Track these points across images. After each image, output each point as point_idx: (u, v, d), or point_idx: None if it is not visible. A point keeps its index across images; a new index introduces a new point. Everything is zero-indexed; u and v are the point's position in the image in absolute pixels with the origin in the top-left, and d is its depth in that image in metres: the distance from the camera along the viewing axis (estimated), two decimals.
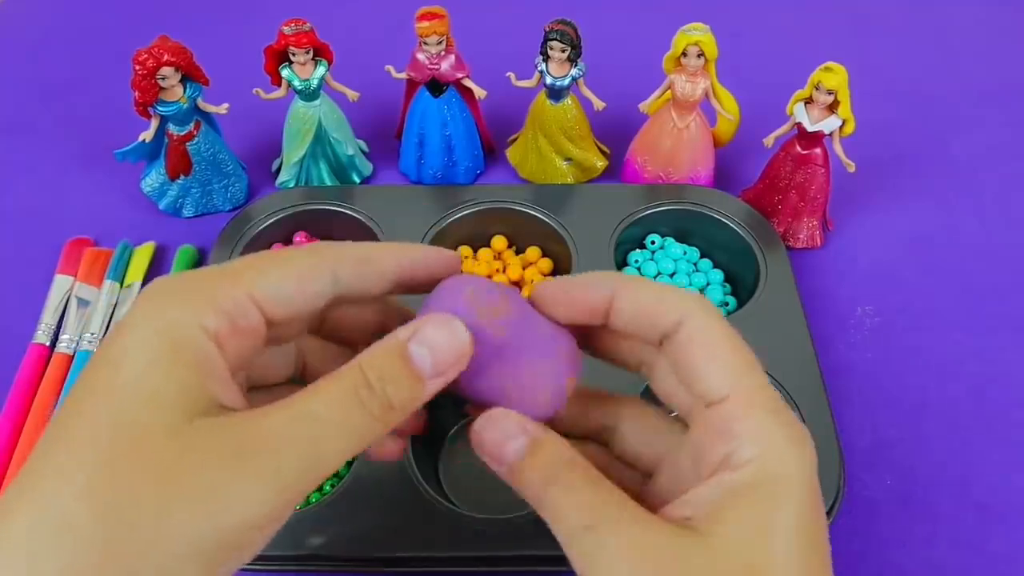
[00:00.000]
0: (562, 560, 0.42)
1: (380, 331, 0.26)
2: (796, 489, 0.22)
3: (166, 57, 0.51)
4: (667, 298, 0.25)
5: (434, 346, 0.23)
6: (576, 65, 0.55)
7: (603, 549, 0.22)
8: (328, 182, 0.60)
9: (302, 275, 0.24)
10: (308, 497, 0.45)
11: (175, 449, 0.20)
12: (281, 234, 0.56)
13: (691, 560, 0.21)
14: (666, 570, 0.21)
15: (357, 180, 0.62)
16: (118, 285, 0.54)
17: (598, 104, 0.57)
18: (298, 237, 0.56)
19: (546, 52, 0.54)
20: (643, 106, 0.58)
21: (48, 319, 0.52)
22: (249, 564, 0.42)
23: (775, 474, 0.22)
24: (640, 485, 0.27)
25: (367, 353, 0.23)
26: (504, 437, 0.24)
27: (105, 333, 0.52)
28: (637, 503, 0.23)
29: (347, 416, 0.22)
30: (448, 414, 0.48)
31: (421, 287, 0.27)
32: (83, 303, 0.53)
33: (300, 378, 0.29)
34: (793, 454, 0.22)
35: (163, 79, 0.52)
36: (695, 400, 0.24)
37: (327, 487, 0.45)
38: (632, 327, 0.25)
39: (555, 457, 0.24)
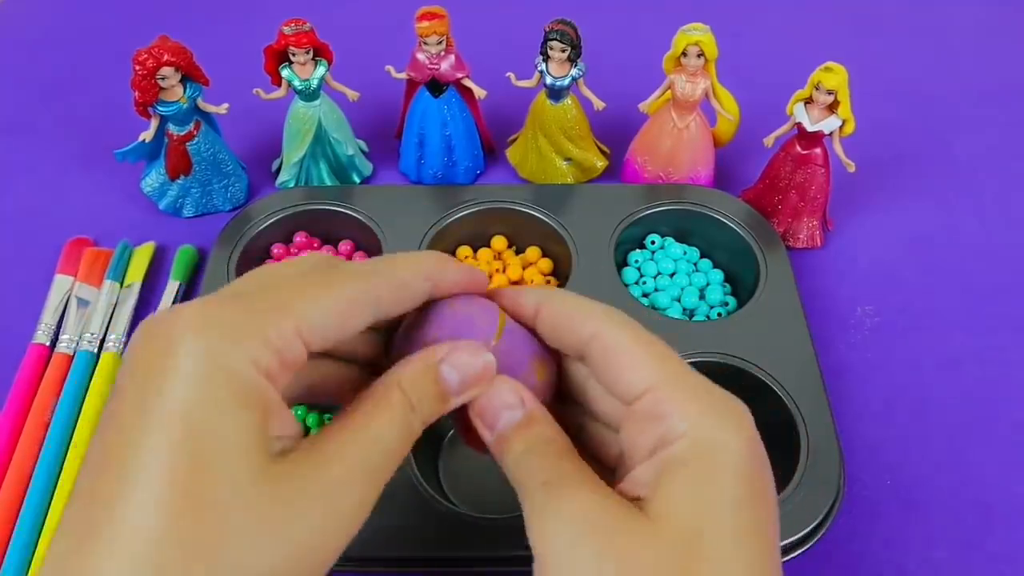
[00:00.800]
0: None
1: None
2: (732, 456, 0.23)
3: (166, 57, 0.51)
4: (581, 310, 0.27)
5: (464, 371, 0.26)
6: (576, 65, 0.55)
7: (552, 509, 0.23)
8: (328, 182, 0.60)
9: (349, 309, 0.24)
10: None
11: (265, 495, 0.21)
12: (281, 234, 0.56)
13: (633, 531, 0.22)
14: (605, 537, 0.22)
15: (357, 180, 0.62)
16: (118, 285, 0.54)
17: (598, 104, 0.57)
18: (298, 237, 0.56)
19: (546, 52, 0.54)
20: (643, 106, 0.58)
21: (48, 319, 0.52)
22: None
23: (709, 443, 0.23)
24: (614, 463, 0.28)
25: (407, 371, 0.25)
26: (502, 405, 0.26)
27: (105, 333, 0.52)
28: (600, 478, 0.24)
29: (405, 438, 0.24)
30: (448, 414, 0.48)
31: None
32: (83, 303, 0.53)
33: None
34: (725, 423, 0.24)
35: (163, 79, 0.52)
36: (622, 403, 0.26)
37: None
38: (554, 338, 0.27)
39: (542, 434, 0.26)
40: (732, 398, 0.25)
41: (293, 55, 0.54)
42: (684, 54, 0.53)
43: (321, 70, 0.56)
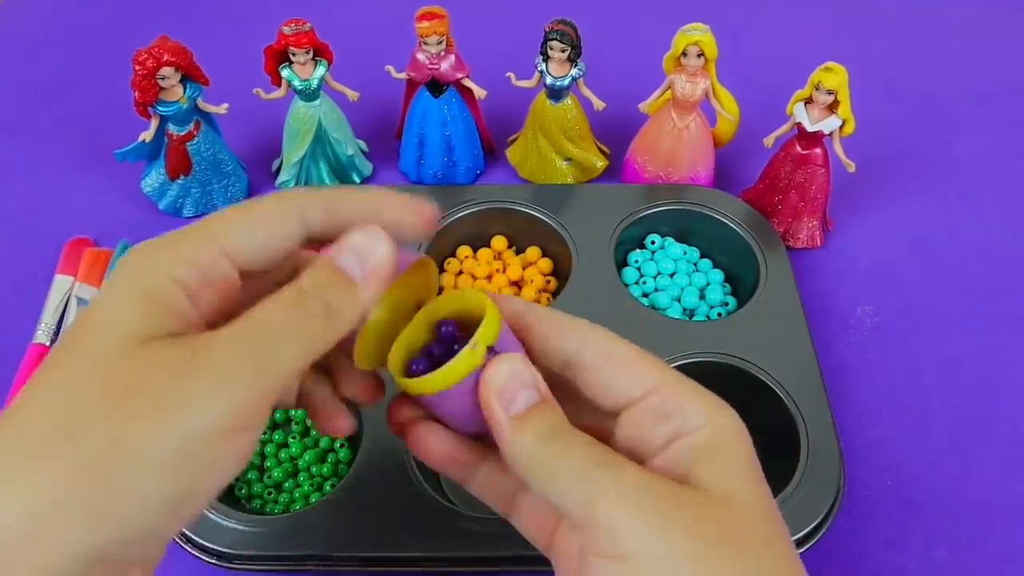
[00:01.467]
0: None
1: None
2: (743, 442, 0.26)
3: (166, 57, 0.51)
4: (574, 320, 0.28)
5: (357, 250, 0.25)
6: (576, 65, 0.55)
7: (605, 490, 0.24)
8: (328, 182, 0.60)
9: (270, 221, 0.25)
10: (308, 497, 0.45)
11: (130, 366, 0.22)
12: None
13: (689, 500, 0.24)
14: (667, 508, 0.23)
15: (357, 180, 0.62)
16: None
17: (598, 104, 0.57)
18: None
19: (546, 52, 0.54)
20: (643, 106, 0.58)
21: (48, 319, 0.52)
22: (249, 564, 0.42)
23: (725, 432, 0.26)
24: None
25: (308, 269, 0.25)
26: (522, 384, 0.26)
27: None
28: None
29: (290, 317, 0.24)
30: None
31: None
32: (83, 303, 0.53)
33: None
34: (728, 416, 0.26)
35: (163, 79, 0.52)
36: (612, 406, 0.27)
37: (327, 487, 0.45)
38: (549, 345, 0.28)
39: (556, 418, 0.26)
40: (718, 397, 0.27)
41: (293, 55, 0.54)
42: (684, 54, 0.53)
43: (321, 70, 0.56)
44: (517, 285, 0.55)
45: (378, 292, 0.25)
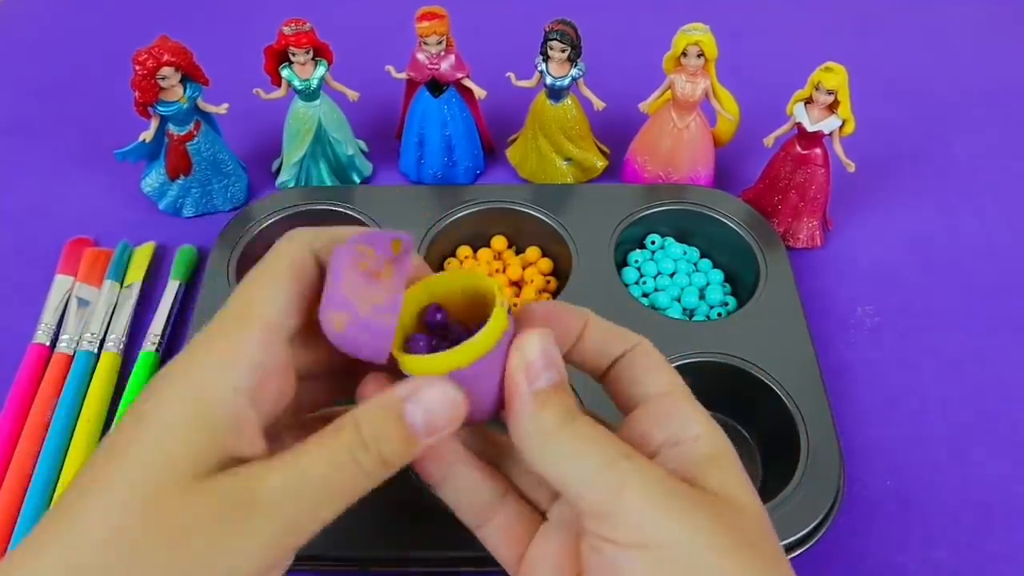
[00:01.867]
0: None
1: None
2: (736, 455, 0.27)
3: (166, 57, 0.51)
4: (621, 330, 0.30)
5: (430, 408, 0.24)
6: (576, 65, 0.55)
7: (631, 481, 0.24)
8: (328, 182, 0.60)
9: (299, 272, 0.26)
10: None
11: (181, 508, 0.22)
12: (281, 234, 0.56)
13: (707, 500, 0.25)
14: (690, 503, 0.24)
15: (357, 180, 0.62)
16: (118, 285, 0.54)
17: (598, 104, 0.57)
18: None
19: (546, 52, 0.54)
20: (643, 106, 0.58)
21: (48, 319, 0.52)
22: None
23: (719, 444, 0.27)
24: None
25: (364, 410, 0.24)
26: (548, 362, 0.26)
27: (105, 333, 0.52)
28: None
29: (341, 476, 0.24)
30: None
31: None
32: (83, 303, 0.53)
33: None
34: (720, 431, 0.28)
35: (163, 79, 0.52)
36: (634, 400, 0.29)
37: None
38: (600, 347, 0.29)
39: (574, 404, 0.26)
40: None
41: (293, 55, 0.54)
42: (684, 54, 0.53)
43: (321, 70, 0.56)
44: (517, 285, 0.55)
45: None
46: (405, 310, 0.26)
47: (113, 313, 0.53)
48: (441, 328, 0.27)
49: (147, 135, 0.55)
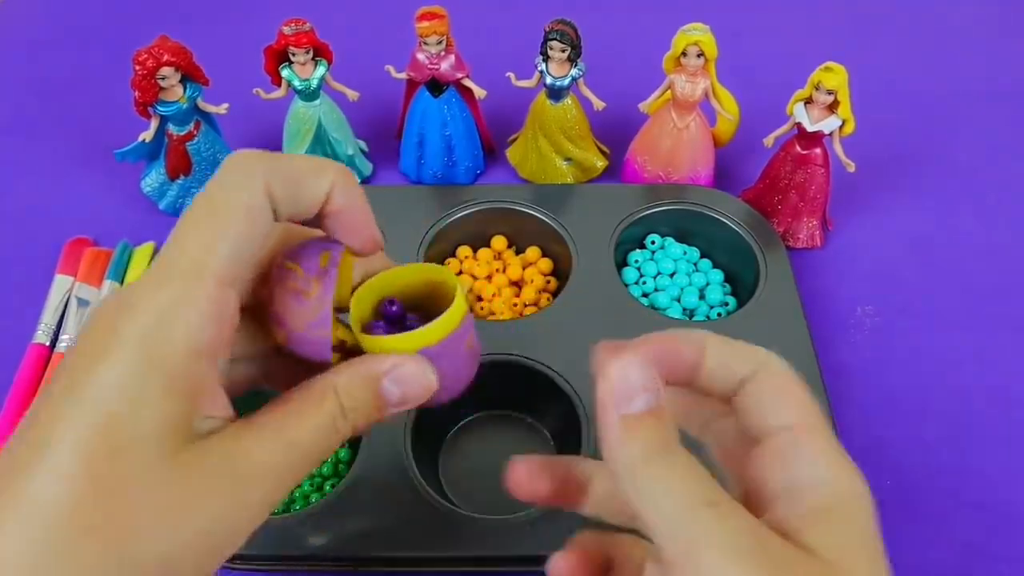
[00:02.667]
0: None
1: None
2: (863, 510, 0.24)
3: (166, 57, 0.51)
4: (746, 348, 0.26)
5: (406, 382, 0.25)
6: (576, 65, 0.55)
7: (709, 535, 0.22)
8: None
9: (248, 222, 0.24)
10: (308, 497, 0.45)
11: (171, 482, 0.21)
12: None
13: (799, 564, 0.22)
14: (773, 567, 0.21)
15: (357, 180, 0.62)
16: (118, 285, 0.54)
17: (598, 104, 0.57)
18: None
19: (546, 52, 0.54)
20: (643, 106, 0.58)
21: (48, 319, 0.52)
22: (249, 564, 0.42)
23: (846, 496, 0.24)
24: None
25: (346, 380, 0.25)
26: (640, 385, 0.24)
27: None
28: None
29: (324, 443, 0.24)
30: (448, 414, 0.48)
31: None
32: (83, 303, 0.53)
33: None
34: (853, 480, 0.24)
35: (163, 79, 0.52)
36: (750, 434, 0.25)
37: (327, 487, 0.45)
38: (715, 377, 0.26)
39: (669, 434, 0.24)
40: (849, 457, 0.26)
41: (293, 55, 0.54)
42: (684, 54, 0.53)
43: (321, 70, 0.56)
44: (517, 285, 0.55)
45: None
46: (363, 303, 0.27)
47: None
48: (397, 318, 0.28)
49: (147, 135, 0.55)
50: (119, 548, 0.20)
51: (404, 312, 0.28)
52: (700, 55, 0.53)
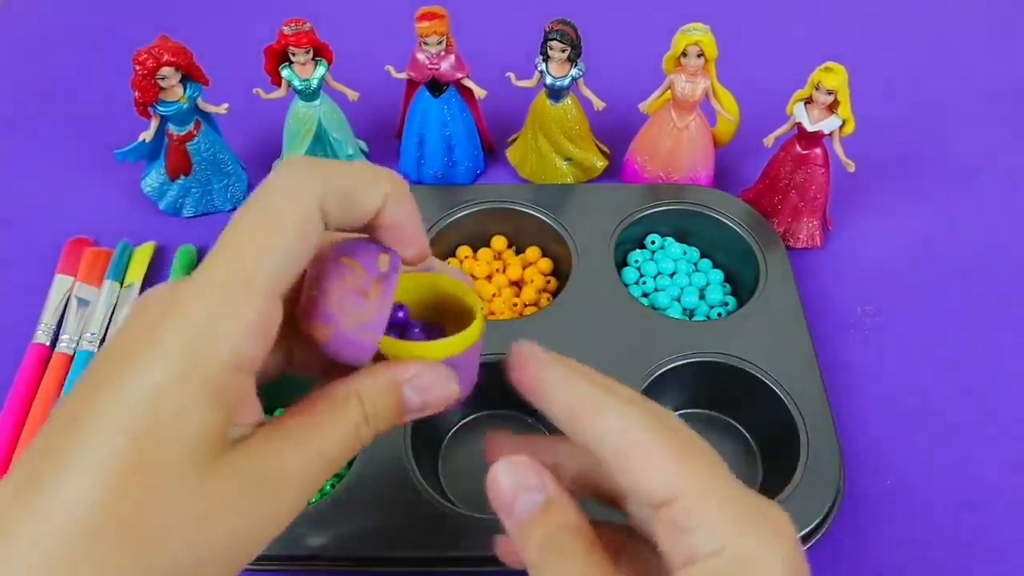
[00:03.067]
0: None
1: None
2: (776, 567, 0.22)
3: (166, 57, 0.51)
4: (594, 397, 0.25)
5: (428, 394, 0.26)
6: (576, 65, 0.55)
7: None
8: None
9: (300, 236, 0.24)
10: None
11: (203, 492, 0.21)
12: None
13: None
14: None
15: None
16: (118, 285, 0.54)
17: (598, 104, 0.57)
18: None
19: (546, 52, 0.54)
20: (643, 106, 0.58)
21: (48, 319, 0.52)
22: (249, 564, 0.42)
23: (746, 561, 0.22)
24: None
25: (368, 387, 0.25)
26: (521, 488, 0.25)
27: (105, 333, 0.52)
28: None
29: (348, 448, 0.25)
30: (448, 415, 0.48)
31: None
32: (83, 303, 0.53)
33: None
34: (763, 536, 0.22)
35: (163, 79, 0.52)
36: (647, 507, 0.24)
37: (327, 487, 0.45)
38: (570, 430, 0.25)
39: (564, 521, 0.24)
40: (771, 505, 0.23)
41: (293, 55, 0.54)
42: (684, 54, 0.53)
43: (321, 70, 0.56)
44: (517, 285, 0.55)
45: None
46: None
47: (113, 313, 0.53)
48: (401, 324, 0.28)
49: (147, 135, 0.55)
50: (149, 554, 0.20)
51: (409, 319, 0.28)
52: (700, 55, 0.53)
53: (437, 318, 0.28)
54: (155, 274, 0.56)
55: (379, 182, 0.25)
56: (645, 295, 0.54)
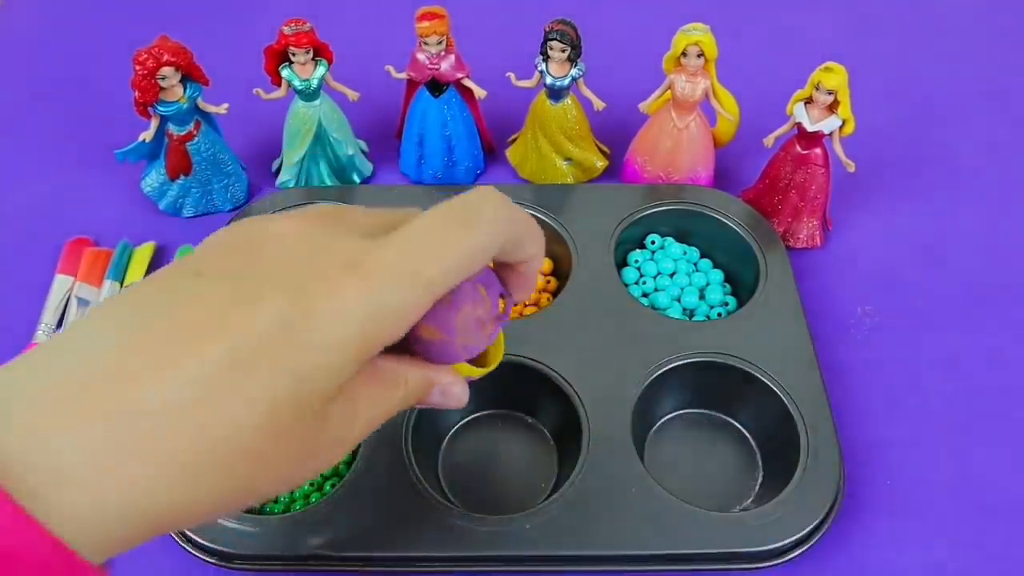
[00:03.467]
0: (561, 560, 0.42)
1: None
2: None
3: (166, 57, 0.51)
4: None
5: (448, 399, 0.31)
6: (576, 65, 0.55)
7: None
8: (328, 182, 0.60)
9: (479, 263, 0.28)
10: (308, 497, 0.45)
11: (307, 435, 0.25)
12: None
13: None
14: None
15: (357, 180, 0.62)
16: (118, 285, 0.54)
17: (598, 104, 0.57)
18: None
19: (546, 52, 0.54)
20: (643, 106, 0.58)
21: (48, 319, 0.52)
22: (249, 564, 0.42)
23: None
24: None
25: (415, 376, 0.29)
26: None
27: None
28: None
29: (385, 420, 0.29)
30: (448, 414, 0.48)
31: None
32: (83, 303, 0.53)
33: None
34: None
35: (163, 79, 0.52)
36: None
37: (327, 487, 0.45)
38: None
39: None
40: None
41: (293, 55, 0.54)
42: (684, 54, 0.53)
43: (321, 70, 0.56)
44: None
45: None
46: None
47: None
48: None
49: (147, 135, 0.55)
50: (253, 479, 0.24)
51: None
52: (700, 55, 0.53)
53: None
54: None
55: (538, 238, 0.30)
56: (645, 295, 0.54)
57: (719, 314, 0.53)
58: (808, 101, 0.53)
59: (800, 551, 0.41)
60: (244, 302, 0.24)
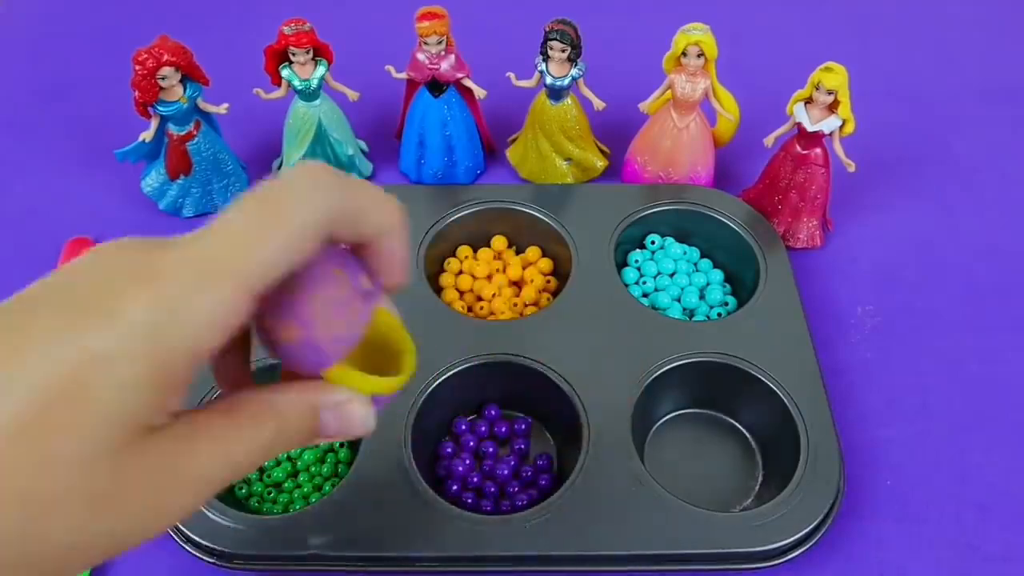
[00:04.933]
0: (561, 560, 0.42)
1: None
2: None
3: (166, 57, 0.51)
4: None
5: (348, 424, 0.26)
6: (576, 65, 0.55)
7: None
8: None
9: (299, 240, 0.23)
10: (308, 497, 0.45)
11: (108, 472, 0.21)
12: None
13: None
14: None
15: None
16: None
17: (598, 104, 0.57)
18: None
19: (546, 52, 0.54)
20: (643, 106, 0.58)
21: None
22: (249, 564, 0.42)
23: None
24: None
25: (288, 403, 0.25)
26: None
27: None
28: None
29: (258, 461, 0.24)
30: (447, 415, 0.48)
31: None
32: None
33: None
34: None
35: (163, 79, 0.52)
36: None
37: (327, 487, 0.45)
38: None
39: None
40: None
41: (293, 55, 0.54)
42: (684, 54, 0.53)
43: (321, 70, 0.56)
44: (517, 285, 0.55)
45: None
46: None
47: None
48: None
49: (147, 135, 0.55)
50: (33, 523, 0.20)
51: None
52: (700, 55, 0.53)
53: (367, 350, 0.27)
54: None
55: (388, 209, 0.26)
56: (645, 295, 0.54)
57: (719, 314, 0.53)
58: (808, 101, 0.53)
59: (800, 551, 0.41)
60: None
